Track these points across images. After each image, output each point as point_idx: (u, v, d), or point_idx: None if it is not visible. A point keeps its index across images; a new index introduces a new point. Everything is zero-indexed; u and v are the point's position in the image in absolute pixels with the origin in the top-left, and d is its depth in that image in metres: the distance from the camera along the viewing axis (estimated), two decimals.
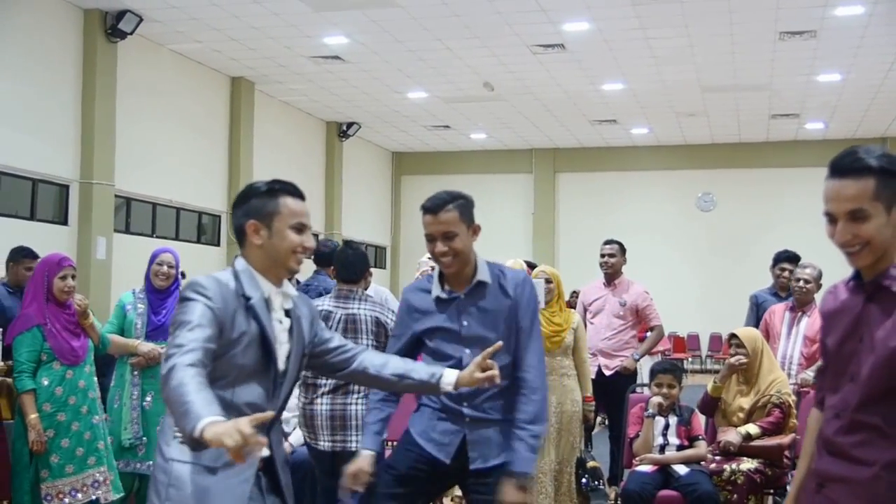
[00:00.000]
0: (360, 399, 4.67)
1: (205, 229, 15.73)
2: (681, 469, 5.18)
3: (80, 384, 5.13)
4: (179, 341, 2.48)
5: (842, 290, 2.39)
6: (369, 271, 5.24)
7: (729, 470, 5.15)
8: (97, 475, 5.12)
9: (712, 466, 5.23)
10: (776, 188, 20.06)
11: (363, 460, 3.35)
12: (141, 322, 5.48)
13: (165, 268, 5.50)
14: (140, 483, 5.42)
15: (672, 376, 5.46)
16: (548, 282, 5.65)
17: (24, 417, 4.94)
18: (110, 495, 5.17)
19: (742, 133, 19.66)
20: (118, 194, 12.86)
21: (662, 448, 5.34)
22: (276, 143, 16.90)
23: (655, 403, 5.38)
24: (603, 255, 7.21)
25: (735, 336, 5.54)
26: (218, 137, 15.40)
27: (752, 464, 5.16)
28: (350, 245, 5.05)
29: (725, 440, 5.26)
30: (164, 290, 5.51)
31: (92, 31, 12.12)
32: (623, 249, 7.25)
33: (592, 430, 6.44)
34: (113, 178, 12.50)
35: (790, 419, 5.32)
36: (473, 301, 3.35)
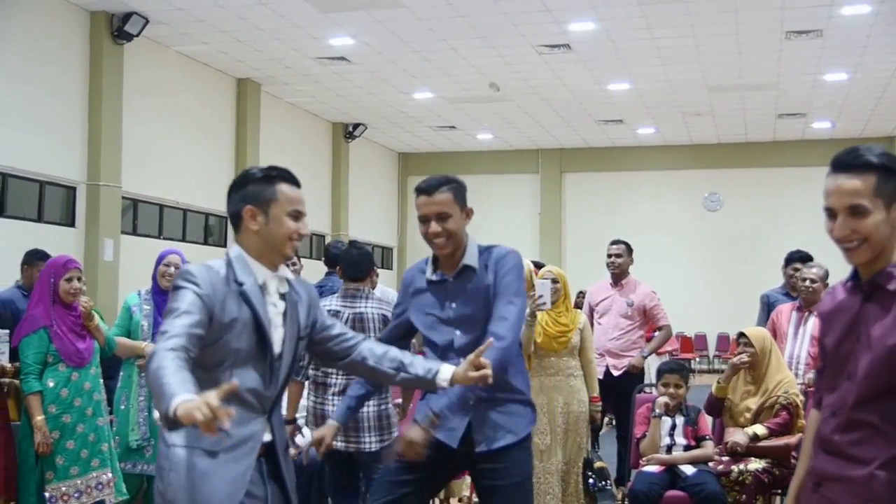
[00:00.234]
0: (373, 401, 4.67)
1: (211, 231, 15.76)
2: (688, 469, 5.18)
3: (86, 386, 5.14)
4: (165, 328, 2.54)
5: (840, 291, 2.41)
6: (375, 271, 5.25)
7: (737, 471, 5.13)
8: (101, 477, 5.13)
9: (720, 468, 5.22)
10: (783, 188, 20.02)
11: (327, 429, 3.52)
12: (147, 323, 5.49)
13: (172, 269, 5.51)
14: (147, 484, 5.43)
15: (678, 376, 5.45)
16: (554, 282, 5.63)
17: (31, 419, 4.95)
18: (113, 497, 5.18)
19: (749, 133, 19.63)
20: (125, 196, 12.89)
21: (669, 448, 5.34)
22: (283, 145, 16.92)
23: (662, 403, 5.37)
24: (609, 256, 7.20)
25: (744, 335, 5.53)
26: (224, 139, 15.43)
27: (760, 464, 5.15)
28: (355, 244, 5.08)
29: (732, 441, 5.24)
30: None
31: (98, 34, 12.15)
32: (630, 249, 7.25)
33: (600, 431, 6.42)
34: (120, 180, 12.54)
35: (798, 419, 5.31)
36: (462, 284, 3.40)
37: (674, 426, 5.36)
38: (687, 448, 5.32)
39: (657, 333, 7.32)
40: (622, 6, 11.88)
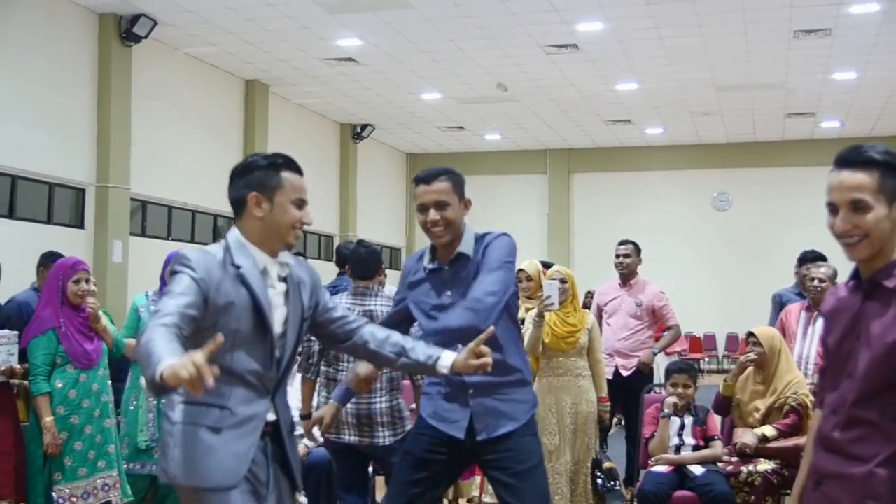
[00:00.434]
0: (385, 397, 4.73)
1: (220, 232, 15.76)
2: (696, 469, 5.17)
3: (94, 387, 5.15)
4: (158, 307, 2.58)
5: (841, 290, 2.42)
6: (383, 270, 5.28)
7: (746, 471, 5.12)
8: (107, 479, 5.15)
9: (729, 469, 5.20)
10: (792, 187, 19.94)
11: (327, 409, 3.69)
12: None
13: None
14: (156, 485, 5.44)
15: (687, 376, 5.44)
16: (562, 282, 5.62)
17: (39, 420, 4.97)
18: (120, 498, 5.19)
19: (757, 132, 19.58)
20: (134, 197, 12.91)
21: (678, 448, 5.33)
22: (291, 146, 16.91)
23: (671, 404, 5.36)
24: (618, 256, 7.19)
25: (752, 334, 5.51)
26: (233, 140, 15.45)
27: (769, 465, 5.13)
28: (363, 243, 5.12)
29: (741, 442, 5.23)
30: None
31: (107, 36, 12.18)
32: (638, 249, 7.23)
33: (608, 431, 6.42)
34: (128, 182, 12.56)
35: (808, 420, 5.29)
36: (457, 272, 3.42)
37: (682, 426, 5.35)
38: (696, 448, 5.31)
39: (666, 333, 7.31)
40: (630, 6, 11.87)
